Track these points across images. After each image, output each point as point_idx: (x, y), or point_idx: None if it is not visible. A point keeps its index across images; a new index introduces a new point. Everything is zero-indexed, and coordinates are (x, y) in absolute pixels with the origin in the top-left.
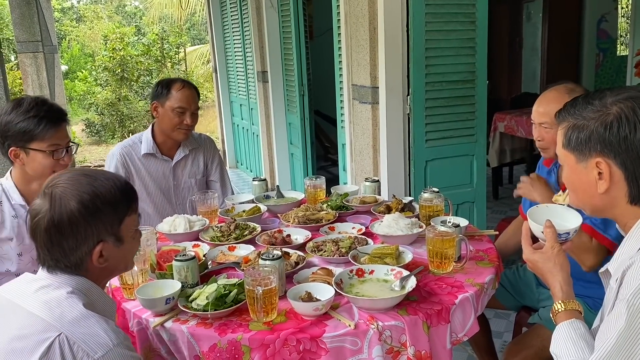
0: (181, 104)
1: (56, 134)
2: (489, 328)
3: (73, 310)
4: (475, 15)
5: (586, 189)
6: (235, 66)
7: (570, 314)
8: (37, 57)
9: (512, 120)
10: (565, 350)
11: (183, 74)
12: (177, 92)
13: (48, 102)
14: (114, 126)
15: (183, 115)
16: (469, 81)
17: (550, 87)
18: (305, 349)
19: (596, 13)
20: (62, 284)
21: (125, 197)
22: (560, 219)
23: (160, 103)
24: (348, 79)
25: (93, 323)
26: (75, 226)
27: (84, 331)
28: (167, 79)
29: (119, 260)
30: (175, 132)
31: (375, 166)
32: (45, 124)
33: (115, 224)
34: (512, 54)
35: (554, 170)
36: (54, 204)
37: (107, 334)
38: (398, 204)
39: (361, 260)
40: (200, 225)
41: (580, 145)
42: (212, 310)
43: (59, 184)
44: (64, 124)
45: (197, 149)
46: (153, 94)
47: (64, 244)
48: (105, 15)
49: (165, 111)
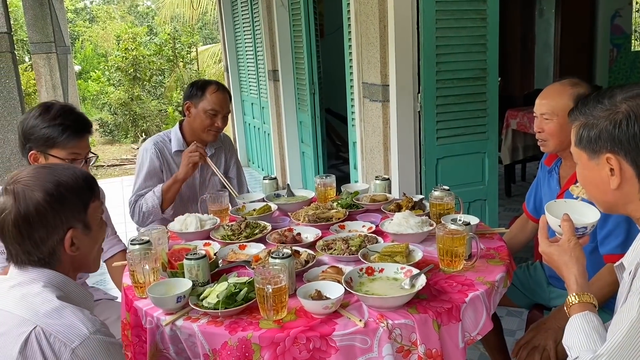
0: (214, 106)
1: (78, 144)
2: (500, 326)
3: (47, 303)
4: (486, 12)
5: (599, 185)
6: (246, 65)
7: (584, 307)
8: (51, 58)
9: (524, 117)
10: (577, 342)
11: (195, 73)
12: (211, 94)
13: (75, 112)
14: (127, 126)
15: (215, 118)
16: (480, 78)
17: (555, 81)
18: (315, 347)
19: (610, 8)
20: (34, 279)
21: (87, 184)
22: (579, 214)
23: (193, 104)
24: (358, 77)
25: (68, 314)
26: (43, 216)
27: (59, 322)
28: (202, 80)
29: (89, 249)
30: (205, 133)
31: (386, 164)
32: (69, 134)
33: (81, 211)
34: (525, 50)
35: (555, 169)
36: (19, 198)
37: (82, 323)
38: (408, 202)
39: (371, 259)
40: (211, 224)
41: (591, 144)
42: (222, 308)
43: (20, 179)
44: (87, 135)
45: (220, 148)
46: (187, 94)
47: (34, 236)
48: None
49: (197, 112)
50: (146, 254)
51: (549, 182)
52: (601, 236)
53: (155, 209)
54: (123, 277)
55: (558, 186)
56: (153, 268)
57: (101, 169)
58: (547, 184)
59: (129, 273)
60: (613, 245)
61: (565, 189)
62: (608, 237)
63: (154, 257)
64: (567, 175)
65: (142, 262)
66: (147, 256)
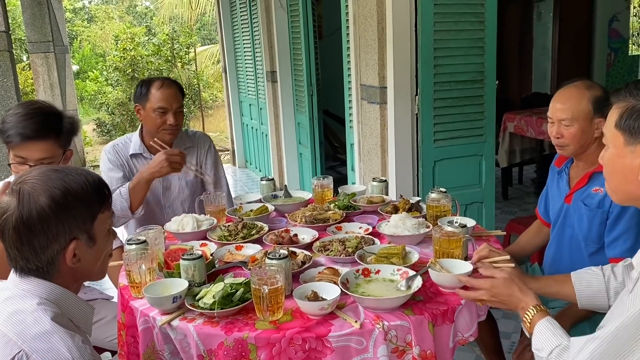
0: (161, 103)
1: (24, 149)
2: (496, 328)
3: (37, 325)
4: (484, 15)
5: (626, 174)
6: (244, 66)
7: (543, 314)
8: (49, 58)
9: (521, 120)
10: (545, 341)
11: (193, 74)
12: (157, 91)
13: (34, 118)
14: (124, 126)
15: (165, 115)
16: (477, 81)
17: (566, 84)
18: (310, 348)
19: (608, 12)
20: (31, 293)
21: (97, 194)
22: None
23: (141, 105)
24: (356, 79)
25: (56, 340)
26: (45, 223)
27: (45, 347)
28: (147, 78)
29: (92, 262)
30: (160, 133)
31: (383, 166)
32: (16, 135)
33: (87, 221)
34: (523, 53)
35: (565, 170)
36: (23, 201)
37: (70, 352)
38: (405, 204)
39: (367, 260)
40: (207, 224)
41: (633, 129)
42: (218, 309)
43: (27, 180)
44: (32, 142)
45: (190, 148)
46: (134, 95)
47: (34, 243)
48: (116, 15)
49: (147, 113)
50: (142, 254)
51: (557, 183)
52: (609, 239)
53: (125, 212)
54: (119, 277)
55: (567, 187)
56: (149, 268)
57: (98, 169)
58: (556, 185)
59: (125, 273)
60: (622, 249)
61: (575, 189)
62: (616, 241)
63: (150, 257)
64: (577, 176)
65: (138, 262)
66: (143, 256)
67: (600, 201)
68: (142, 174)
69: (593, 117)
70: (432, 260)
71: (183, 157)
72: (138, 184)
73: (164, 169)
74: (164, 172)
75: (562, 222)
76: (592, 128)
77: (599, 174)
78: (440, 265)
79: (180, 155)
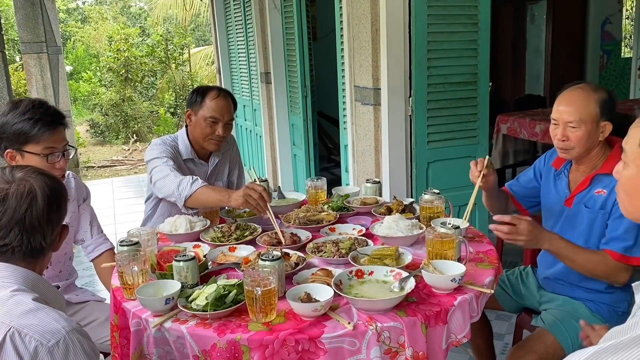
0: (213, 113)
1: (52, 137)
2: (490, 330)
3: (20, 305)
4: (478, 17)
5: None
6: (238, 67)
7: None
8: (42, 58)
9: (515, 122)
10: None
11: (187, 75)
12: (211, 101)
13: (45, 105)
14: (118, 127)
15: (215, 126)
16: (471, 83)
17: (569, 86)
18: (304, 350)
19: (600, 15)
20: (7, 281)
21: None
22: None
23: (193, 111)
24: (350, 81)
25: (43, 314)
26: (64, 200)
27: (34, 322)
28: (203, 86)
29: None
30: (206, 142)
31: (377, 167)
32: (41, 127)
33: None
34: (516, 55)
35: (564, 172)
36: (46, 180)
37: (58, 322)
38: (399, 206)
39: (361, 262)
40: (201, 225)
41: None
42: (211, 310)
43: (28, 170)
44: (60, 127)
45: (227, 152)
46: (188, 101)
47: (53, 218)
48: (110, 16)
49: (198, 120)
50: (135, 256)
51: (555, 184)
52: (608, 237)
53: (178, 198)
54: (112, 279)
55: (567, 190)
56: (142, 269)
57: (91, 170)
58: (553, 185)
59: (118, 274)
60: (620, 246)
61: (576, 192)
62: (615, 240)
63: (143, 258)
64: (577, 180)
65: (130, 264)
66: (136, 258)
67: (603, 203)
68: (224, 197)
69: (600, 120)
70: (425, 261)
71: (262, 200)
72: (213, 196)
73: (240, 203)
74: (238, 205)
75: (562, 225)
76: (597, 131)
77: (601, 176)
78: (433, 267)
79: (259, 195)
